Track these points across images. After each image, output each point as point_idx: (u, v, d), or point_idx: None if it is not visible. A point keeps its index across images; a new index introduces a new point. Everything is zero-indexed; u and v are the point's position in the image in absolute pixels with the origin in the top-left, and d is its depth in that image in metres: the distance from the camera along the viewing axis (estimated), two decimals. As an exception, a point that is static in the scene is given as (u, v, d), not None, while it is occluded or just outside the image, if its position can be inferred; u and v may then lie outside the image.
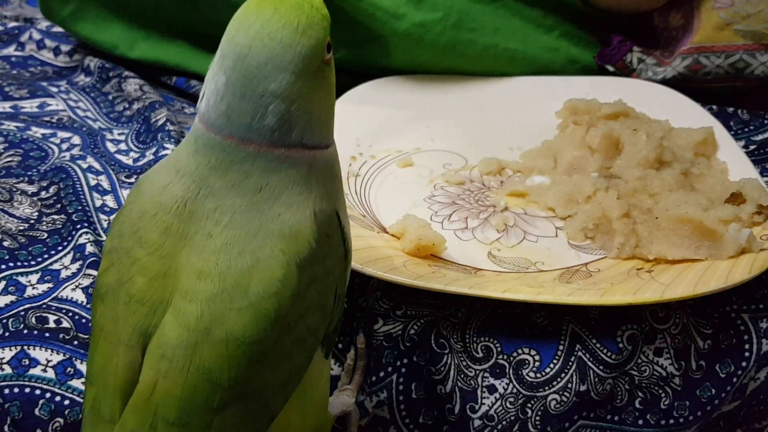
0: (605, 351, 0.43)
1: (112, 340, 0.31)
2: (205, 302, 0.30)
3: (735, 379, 0.44)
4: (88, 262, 0.44)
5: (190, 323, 0.30)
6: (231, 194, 0.31)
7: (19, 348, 0.40)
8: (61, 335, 0.41)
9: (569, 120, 0.55)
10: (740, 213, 0.46)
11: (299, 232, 0.31)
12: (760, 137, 0.58)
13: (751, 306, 0.45)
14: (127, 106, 0.62)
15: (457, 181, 0.54)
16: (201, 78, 0.65)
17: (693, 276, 0.43)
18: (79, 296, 0.43)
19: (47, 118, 0.59)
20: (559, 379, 0.43)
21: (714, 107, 0.60)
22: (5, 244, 0.45)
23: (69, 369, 0.40)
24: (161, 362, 0.30)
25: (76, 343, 0.41)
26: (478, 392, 0.43)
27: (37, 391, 0.39)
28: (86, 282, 0.43)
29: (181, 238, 0.31)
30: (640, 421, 0.44)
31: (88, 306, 0.42)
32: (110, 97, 0.64)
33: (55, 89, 0.64)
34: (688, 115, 0.57)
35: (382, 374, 0.43)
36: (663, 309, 0.44)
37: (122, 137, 0.58)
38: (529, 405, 0.42)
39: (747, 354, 0.44)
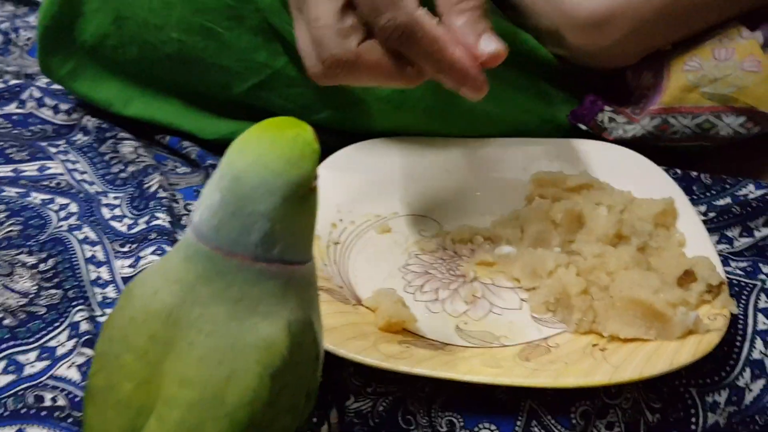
0: (559, 427, 0.46)
1: None
2: (186, 409, 0.33)
3: (682, 450, 0.48)
4: (82, 340, 0.48)
5: (171, 429, 0.33)
6: (214, 303, 0.34)
7: (17, 427, 0.44)
8: (56, 413, 0.44)
9: (536, 192, 0.58)
10: (690, 295, 0.49)
11: (273, 344, 0.35)
12: (721, 202, 0.61)
13: (698, 381, 0.48)
14: (122, 167, 0.66)
15: (430, 249, 0.58)
16: (192, 138, 0.68)
17: (642, 357, 0.46)
18: (74, 375, 0.46)
19: (46, 183, 0.63)
20: (514, 454, 0.46)
21: (678, 171, 0.63)
22: (5, 322, 0.49)
23: (64, 447, 0.44)
24: None
25: (70, 420, 0.44)
26: (442, 465, 0.46)
27: (34, 469, 0.43)
28: (80, 360, 0.47)
29: (166, 345, 0.34)
30: (594, 490, 0.47)
31: (82, 384, 0.46)
32: (106, 158, 0.67)
33: (54, 150, 0.67)
34: (653, 179, 0.60)
35: (352, 449, 0.46)
36: (615, 386, 0.47)
37: (117, 201, 0.62)
38: (487, 478, 0.46)
39: (693, 427, 0.48)
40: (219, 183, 0.34)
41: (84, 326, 0.49)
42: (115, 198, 0.62)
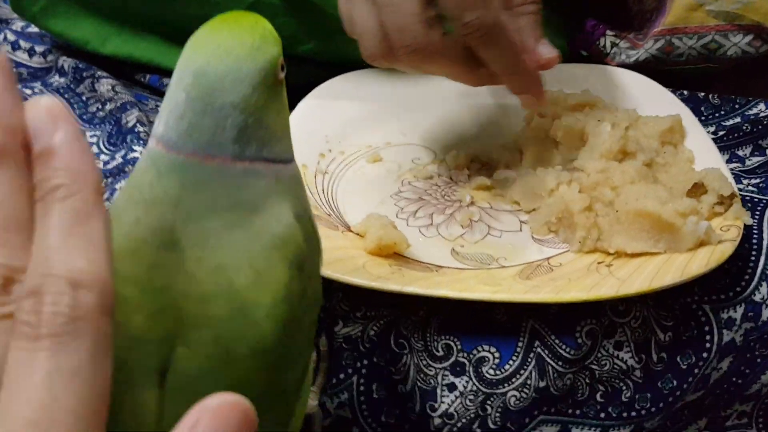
0: (564, 347, 0.43)
1: (120, 384, 0.31)
2: (216, 325, 0.30)
3: (696, 370, 0.45)
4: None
5: (207, 349, 0.30)
6: (208, 215, 0.31)
7: None
8: None
9: (534, 112, 0.54)
10: (700, 205, 0.45)
11: (289, 238, 0.32)
12: (730, 122, 0.58)
13: (712, 297, 0.45)
14: (100, 107, 0.62)
15: (425, 176, 0.54)
16: (171, 74, 0.65)
17: (650, 270, 0.43)
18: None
19: (19, 122, 0.59)
20: (518, 376, 0.43)
21: (685, 92, 0.60)
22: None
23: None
24: (187, 395, 0.29)
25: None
26: (438, 391, 0.43)
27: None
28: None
29: (169, 270, 0.31)
30: (602, 414, 0.44)
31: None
32: (84, 98, 0.64)
33: (29, 91, 0.64)
34: (659, 101, 0.57)
35: (342, 376, 0.43)
36: (623, 303, 0.44)
37: (94, 140, 0.59)
38: (489, 402, 0.43)
39: (708, 345, 0.45)
40: (180, 83, 0.31)
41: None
42: (92, 136, 0.59)
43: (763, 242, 0.47)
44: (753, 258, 0.46)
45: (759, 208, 0.49)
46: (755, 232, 0.47)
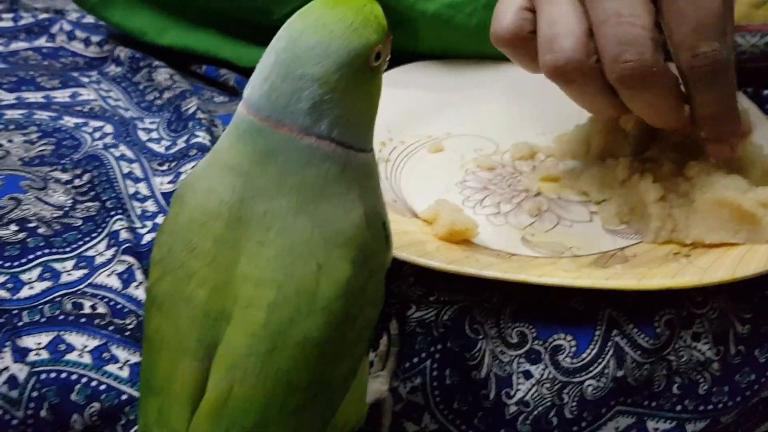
0: (643, 336, 0.42)
1: (176, 351, 0.32)
2: (268, 309, 0.31)
3: (775, 364, 0.44)
4: (122, 248, 0.44)
5: (256, 331, 0.31)
6: (275, 195, 0.31)
7: (55, 334, 0.40)
8: (96, 321, 0.41)
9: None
10: None
11: (355, 233, 0.32)
12: (796, 120, 0.57)
13: (793, 290, 0.44)
14: (157, 95, 0.62)
15: (488, 165, 0.54)
16: (230, 66, 0.65)
17: (732, 260, 0.42)
18: (114, 282, 0.43)
19: (79, 108, 0.59)
20: (596, 365, 0.42)
21: (749, 90, 0.59)
22: (40, 231, 0.45)
23: (105, 354, 0.40)
24: (232, 372, 0.31)
25: (111, 328, 0.41)
26: (513, 378, 0.42)
27: (74, 376, 0.39)
28: (121, 268, 0.43)
29: (234, 247, 0.31)
30: (678, 407, 0.43)
31: (123, 292, 0.43)
32: (141, 87, 0.64)
33: (86, 79, 0.64)
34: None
35: (415, 360, 0.42)
36: (701, 293, 0.43)
37: (153, 126, 0.58)
38: (566, 391, 0.42)
39: (787, 338, 0.44)
40: (274, 46, 0.32)
41: (124, 235, 0.45)
42: (152, 123, 0.59)
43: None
44: None
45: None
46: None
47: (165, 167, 0.53)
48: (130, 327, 0.41)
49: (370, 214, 0.33)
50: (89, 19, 0.70)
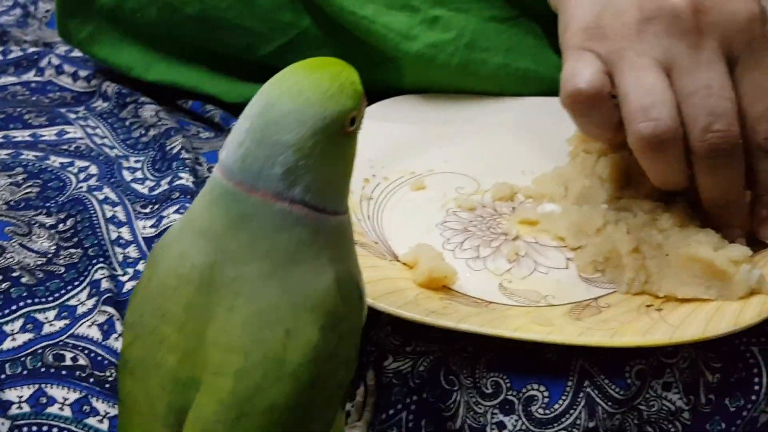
0: (613, 387, 0.43)
1: (147, 416, 0.32)
2: (235, 376, 0.31)
3: (745, 413, 0.44)
4: (103, 298, 0.45)
5: (223, 398, 0.31)
6: (247, 260, 0.32)
7: (36, 386, 0.41)
8: (77, 373, 0.42)
9: (580, 148, 0.55)
10: (749, 251, 0.45)
11: (324, 298, 0.32)
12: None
13: (760, 339, 0.45)
14: (143, 132, 0.63)
15: (469, 206, 0.55)
16: (216, 102, 0.66)
17: (703, 317, 0.43)
18: (95, 333, 0.44)
19: (65, 146, 0.60)
20: (567, 416, 0.43)
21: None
22: (23, 280, 0.46)
23: (85, 407, 0.41)
24: None
25: (92, 380, 0.42)
26: (488, 429, 0.43)
27: (55, 430, 0.40)
28: (101, 318, 0.44)
29: (204, 312, 0.32)
30: (650, 456, 0.44)
31: (103, 343, 0.43)
32: (127, 123, 0.65)
33: (73, 116, 0.65)
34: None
35: (391, 412, 0.43)
36: (673, 345, 0.44)
37: (138, 164, 0.59)
38: (538, 441, 0.43)
39: (757, 387, 0.44)
40: (249, 111, 0.32)
41: (105, 284, 0.46)
42: (136, 162, 0.60)
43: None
44: None
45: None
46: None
47: (148, 210, 0.53)
48: (109, 379, 0.42)
49: (342, 276, 0.33)
50: (78, 53, 0.71)
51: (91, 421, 0.41)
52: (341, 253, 0.34)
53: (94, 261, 0.48)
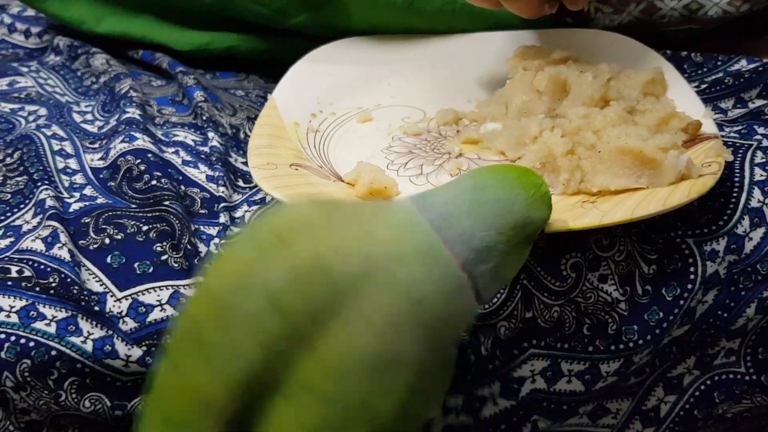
0: (549, 278, 0.44)
1: (195, 397, 0.30)
2: (326, 403, 0.30)
3: (682, 302, 0.45)
4: (48, 214, 0.46)
5: (307, 422, 0.30)
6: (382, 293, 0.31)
7: (-19, 298, 0.42)
8: (23, 283, 0.42)
9: (519, 66, 0.56)
10: (678, 137, 0.46)
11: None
12: (712, 77, 0.59)
13: (695, 230, 0.46)
14: (94, 80, 0.64)
15: (414, 132, 0.55)
16: (166, 50, 0.67)
17: (633, 202, 0.44)
18: (39, 246, 0.44)
19: (16, 95, 0.61)
20: (505, 308, 0.44)
21: (668, 52, 0.61)
22: (-31, 205, 0.47)
23: (32, 313, 0.41)
24: None
25: (37, 289, 0.42)
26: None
27: (2, 335, 0.41)
28: (45, 233, 0.45)
29: (324, 316, 0.30)
30: (590, 348, 0.45)
31: (48, 254, 0.44)
32: (79, 73, 0.65)
33: (25, 69, 0.65)
34: (642, 59, 0.58)
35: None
36: (607, 237, 0.45)
37: (89, 109, 0.60)
38: (481, 332, 0.44)
39: (692, 277, 0.45)
40: (458, 185, 0.35)
41: (50, 203, 0.46)
42: (87, 106, 0.60)
43: (745, 180, 0.48)
44: (735, 194, 0.47)
45: (741, 151, 0.50)
46: (737, 170, 0.48)
47: (96, 145, 0.54)
48: (53, 285, 0.42)
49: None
50: (30, 11, 0.72)
51: (39, 325, 0.41)
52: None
53: (39, 184, 0.48)
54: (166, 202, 0.47)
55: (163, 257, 0.45)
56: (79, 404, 0.42)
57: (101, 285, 0.44)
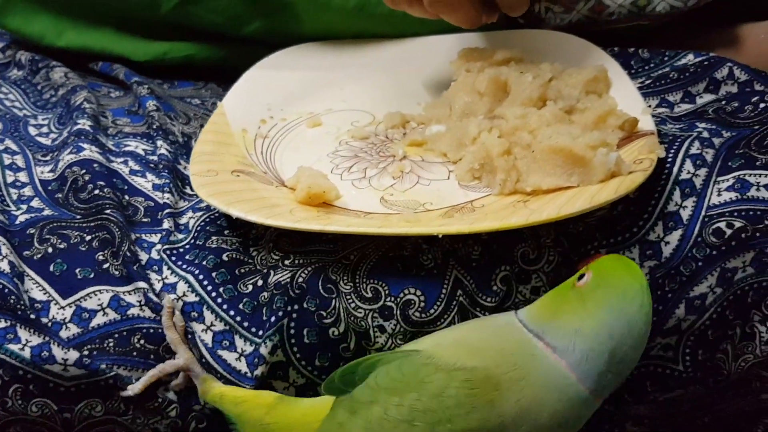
0: (481, 295, 0.45)
1: None
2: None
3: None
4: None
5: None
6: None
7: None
8: None
9: (463, 68, 0.56)
10: (608, 137, 0.47)
11: None
12: (659, 72, 0.59)
13: (610, 240, 0.46)
14: (53, 93, 0.65)
15: (362, 136, 0.56)
16: (125, 62, 0.67)
17: (562, 201, 0.44)
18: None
19: (-27, 110, 0.62)
20: (442, 320, 0.45)
21: (616, 49, 0.61)
22: None
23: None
24: None
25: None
26: (371, 332, 0.45)
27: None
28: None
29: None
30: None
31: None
32: (39, 87, 0.66)
33: (-14, 85, 0.66)
34: (588, 57, 0.59)
35: (273, 319, 0.45)
36: (534, 251, 0.46)
37: (45, 122, 0.61)
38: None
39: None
40: (610, 328, 0.38)
41: (-5, 218, 0.47)
42: (44, 119, 0.61)
43: (671, 178, 0.48)
44: (655, 196, 0.47)
45: (678, 141, 0.50)
46: (668, 166, 0.48)
47: (48, 157, 0.55)
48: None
49: None
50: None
51: None
52: None
53: (-14, 198, 0.49)
54: (108, 211, 0.49)
55: (105, 265, 0.46)
56: (27, 409, 0.43)
57: (44, 293, 0.45)
